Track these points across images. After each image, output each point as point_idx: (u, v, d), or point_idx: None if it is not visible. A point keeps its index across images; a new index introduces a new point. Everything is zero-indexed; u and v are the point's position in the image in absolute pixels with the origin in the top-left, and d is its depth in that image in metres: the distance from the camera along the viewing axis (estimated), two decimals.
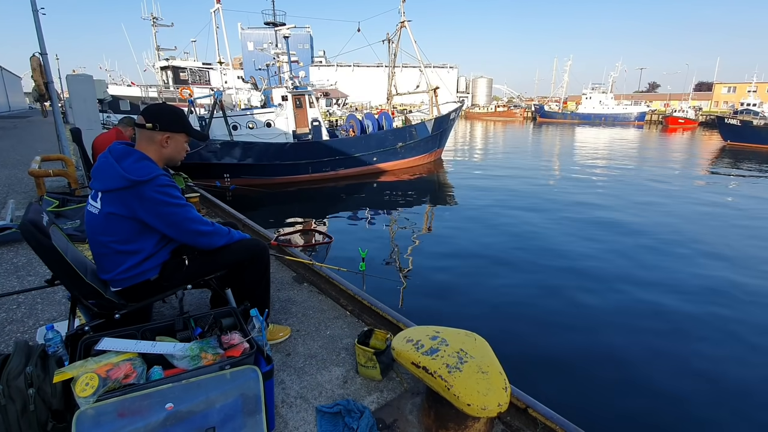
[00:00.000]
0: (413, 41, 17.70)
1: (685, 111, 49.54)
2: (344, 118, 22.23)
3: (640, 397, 3.73)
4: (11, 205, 4.62)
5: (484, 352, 1.76)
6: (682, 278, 6.33)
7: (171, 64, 35.66)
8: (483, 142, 30.61)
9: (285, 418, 1.89)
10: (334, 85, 34.66)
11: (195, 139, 2.18)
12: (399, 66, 20.15)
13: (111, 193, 1.79)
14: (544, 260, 7.00)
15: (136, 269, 1.87)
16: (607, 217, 9.80)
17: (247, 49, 52.47)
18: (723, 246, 7.87)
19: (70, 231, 3.86)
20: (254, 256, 2.18)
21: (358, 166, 14.83)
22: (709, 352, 4.47)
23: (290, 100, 14.29)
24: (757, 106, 38.69)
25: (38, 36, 6.23)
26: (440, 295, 5.74)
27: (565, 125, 50.38)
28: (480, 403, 1.52)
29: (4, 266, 3.44)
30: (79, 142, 5.55)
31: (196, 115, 14.17)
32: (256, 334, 1.66)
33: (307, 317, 2.80)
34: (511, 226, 9.09)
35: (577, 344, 4.57)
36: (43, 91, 6.60)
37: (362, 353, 2.14)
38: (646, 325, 4.97)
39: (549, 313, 5.22)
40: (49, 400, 1.41)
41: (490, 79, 77.06)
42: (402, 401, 1.99)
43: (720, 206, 11.36)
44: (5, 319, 2.63)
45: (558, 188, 13.52)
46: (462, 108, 20.47)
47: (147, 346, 1.49)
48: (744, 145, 27.86)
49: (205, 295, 2.86)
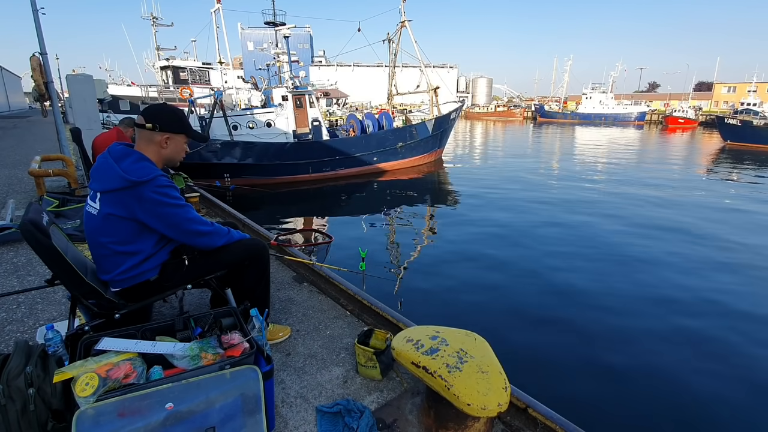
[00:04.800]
0: (413, 41, 17.72)
1: (685, 111, 49.51)
2: (344, 118, 22.23)
3: (641, 397, 3.73)
4: (11, 205, 4.62)
5: (484, 351, 1.76)
6: (683, 278, 6.33)
7: (171, 64, 35.68)
8: (483, 142, 30.61)
9: (285, 418, 1.89)
10: (334, 85, 34.61)
11: (195, 140, 2.18)
12: (399, 66, 20.15)
13: (110, 193, 1.78)
14: (545, 260, 7.00)
15: (135, 270, 1.87)
16: (608, 216, 9.80)
17: (247, 49, 52.47)
18: (723, 248, 7.87)
19: (70, 231, 3.86)
20: (254, 256, 2.18)
21: (359, 166, 14.83)
22: (709, 352, 4.47)
23: (290, 100, 14.29)
24: (757, 106, 38.63)
25: (38, 36, 6.23)
26: (440, 295, 5.74)
27: (565, 125, 50.36)
28: (480, 403, 1.52)
29: (4, 266, 3.44)
30: (79, 142, 5.54)
31: (196, 115, 14.17)
32: (256, 333, 1.66)
33: (307, 317, 2.80)
34: (511, 225, 9.09)
35: (577, 344, 4.57)
36: (43, 91, 6.60)
37: (362, 353, 2.14)
38: (647, 325, 4.97)
39: (549, 313, 5.22)
40: (49, 400, 1.41)
41: (490, 78, 77.01)
42: (402, 401, 1.99)
43: (719, 206, 11.37)
44: (5, 319, 2.63)
45: (558, 188, 13.52)
46: (462, 108, 20.46)
47: (147, 346, 1.49)
48: (744, 145, 27.87)
49: (205, 295, 2.86)
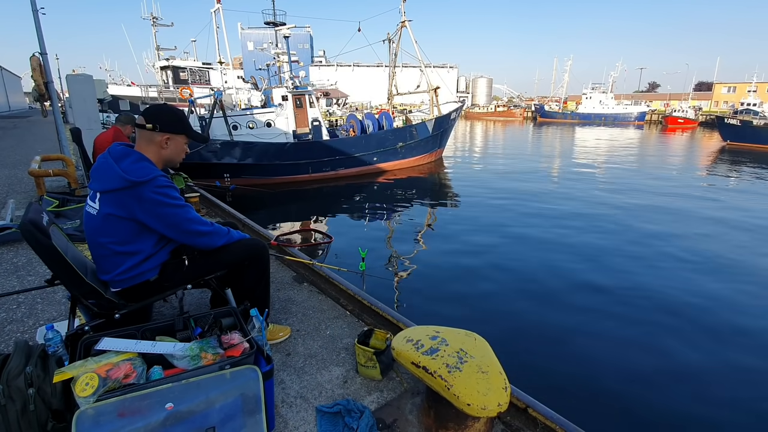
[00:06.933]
0: (414, 41, 17.72)
1: (685, 111, 49.50)
2: (344, 118, 22.22)
3: (641, 397, 3.73)
4: (11, 205, 4.62)
5: (484, 351, 1.76)
6: (683, 278, 6.33)
7: (171, 63, 35.68)
8: (483, 143, 30.60)
9: (285, 418, 1.89)
10: (334, 85, 34.64)
11: (195, 140, 2.17)
12: (399, 66, 20.14)
13: (109, 193, 1.78)
14: (545, 260, 7.00)
15: (135, 270, 1.86)
16: (608, 216, 9.80)
17: (247, 49, 52.44)
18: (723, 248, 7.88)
19: (70, 231, 3.86)
20: (254, 256, 2.18)
21: (359, 166, 14.82)
22: (709, 351, 4.47)
23: (290, 100, 14.29)
24: (757, 106, 38.62)
25: (38, 36, 6.23)
26: (440, 295, 5.74)
27: (565, 125, 50.36)
28: (480, 403, 1.52)
29: (4, 266, 3.44)
30: (79, 142, 5.55)
31: (196, 115, 14.17)
32: (256, 333, 1.66)
33: (307, 317, 2.80)
34: (511, 226, 9.09)
35: (577, 344, 4.57)
36: (43, 91, 6.60)
37: (362, 353, 2.14)
38: (647, 325, 4.97)
39: (549, 313, 5.22)
40: (49, 400, 1.41)
41: (490, 78, 76.98)
42: (402, 401, 1.99)
43: (719, 205, 11.37)
44: (5, 319, 2.63)
45: (558, 188, 13.52)
46: (462, 108, 20.47)
47: (147, 346, 1.49)
48: (744, 145, 27.86)
49: (205, 295, 2.86)
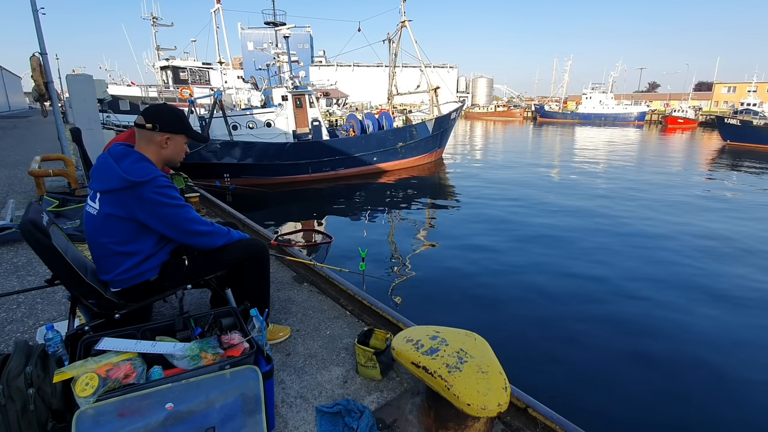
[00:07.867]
0: (414, 41, 17.71)
1: (685, 111, 49.49)
2: (344, 118, 22.22)
3: (641, 397, 3.73)
4: (11, 205, 4.62)
5: (484, 351, 1.76)
6: (683, 278, 6.33)
7: (171, 63, 35.59)
8: (483, 142, 30.60)
9: (285, 418, 1.89)
10: (334, 85, 34.62)
11: (195, 140, 2.17)
12: (399, 66, 20.13)
13: (109, 193, 1.78)
14: (545, 260, 7.00)
15: (135, 270, 1.86)
16: (608, 216, 9.80)
17: (247, 49, 52.45)
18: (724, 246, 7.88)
19: (70, 231, 3.86)
20: (254, 256, 2.18)
21: (359, 166, 14.82)
22: (709, 350, 4.47)
23: (290, 100, 14.29)
24: (757, 106, 38.61)
25: (38, 36, 6.23)
26: (440, 295, 5.74)
27: (565, 125, 50.36)
28: (480, 403, 1.52)
29: (4, 266, 3.44)
30: (79, 142, 5.53)
31: (196, 115, 14.17)
32: (256, 334, 1.66)
33: (307, 317, 2.80)
34: (511, 226, 9.09)
35: (577, 344, 4.57)
36: (43, 91, 6.60)
37: (362, 353, 2.14)
38: (647, 325, 4.97)
39: (550, 313, 5.22)
40: (49, 400, 1.41)
41: (490, 78, 76.90)
42: (402, 401, 1.99)
43: (719, 203, 11.38)
44: (5, 319, 2.63)
45: (558, 188, 13.52)
46: (462, 108, 20.47)
47: (147, 346, 1.49)
48: (744, 145, 27.87)
49: (205, 295, 2.86)
